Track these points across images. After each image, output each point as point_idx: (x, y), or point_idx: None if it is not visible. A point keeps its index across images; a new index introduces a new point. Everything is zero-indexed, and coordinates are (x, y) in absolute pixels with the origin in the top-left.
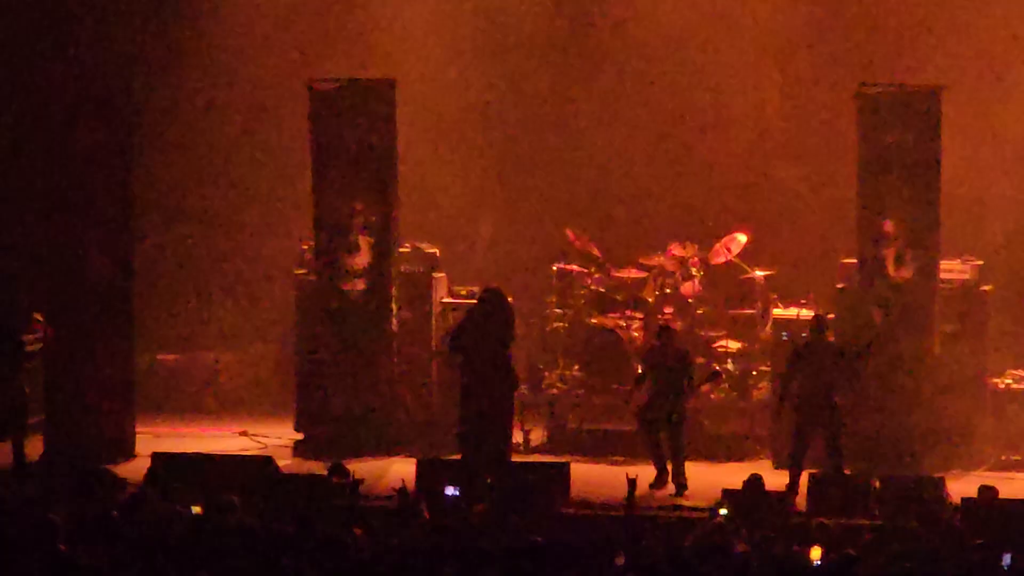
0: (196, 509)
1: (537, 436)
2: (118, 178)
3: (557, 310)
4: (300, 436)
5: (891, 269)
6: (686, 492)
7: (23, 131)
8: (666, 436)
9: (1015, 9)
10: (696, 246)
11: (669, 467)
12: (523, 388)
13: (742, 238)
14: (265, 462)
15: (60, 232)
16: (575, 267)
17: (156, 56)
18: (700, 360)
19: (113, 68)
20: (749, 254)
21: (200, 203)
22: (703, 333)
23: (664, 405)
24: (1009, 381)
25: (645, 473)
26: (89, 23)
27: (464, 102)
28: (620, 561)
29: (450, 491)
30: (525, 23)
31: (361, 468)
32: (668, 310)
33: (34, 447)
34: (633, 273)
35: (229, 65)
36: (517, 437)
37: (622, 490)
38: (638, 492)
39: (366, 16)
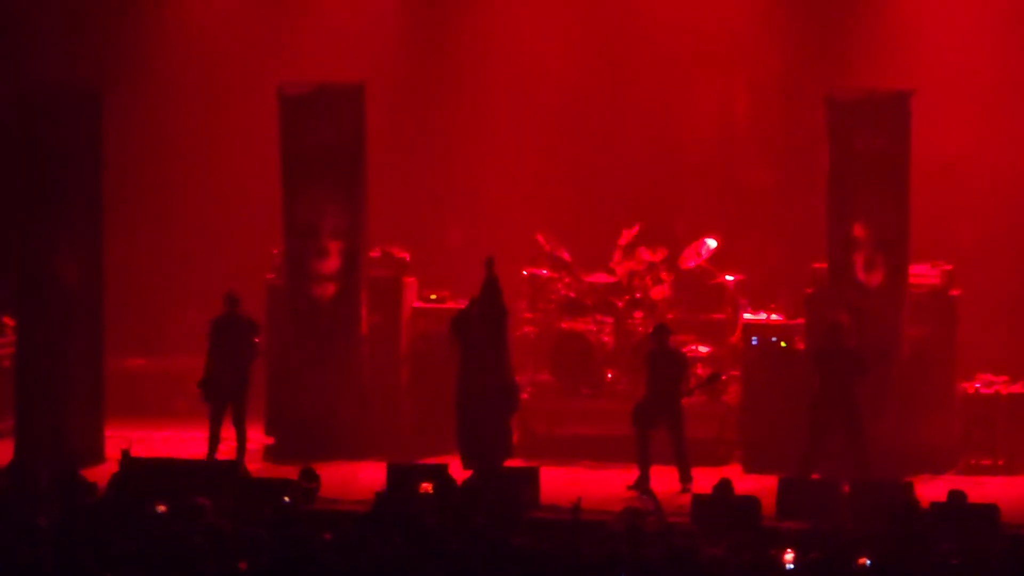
0: (160, 508)
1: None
2: (88, 181)
3: (527, 315)
4: (270, 440)
5: (861, 273)
6: (691, 486)
7: None
8: (668, 437)
9: (983, 12)
10: (666, 250)
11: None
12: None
13: (712, 243)
14: (235, 466)
15: (29, 235)
16: (545, 272)
17: (126, 59)
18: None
19: (83, 72)
20: (719, 259)
21: (170, 207)
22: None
23: (658, 405)
24: (979, 385)
25: (614, 478)
26: (59, 23)
27: (431, 106)
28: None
29: (425, 488)
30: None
31: (331, 473)
32: (638, 315)
33: (4, 452)
34: (603, 278)
35: (199, 68)
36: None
37: (594, 494)
38: (612, 493)
39: (336, 18)
